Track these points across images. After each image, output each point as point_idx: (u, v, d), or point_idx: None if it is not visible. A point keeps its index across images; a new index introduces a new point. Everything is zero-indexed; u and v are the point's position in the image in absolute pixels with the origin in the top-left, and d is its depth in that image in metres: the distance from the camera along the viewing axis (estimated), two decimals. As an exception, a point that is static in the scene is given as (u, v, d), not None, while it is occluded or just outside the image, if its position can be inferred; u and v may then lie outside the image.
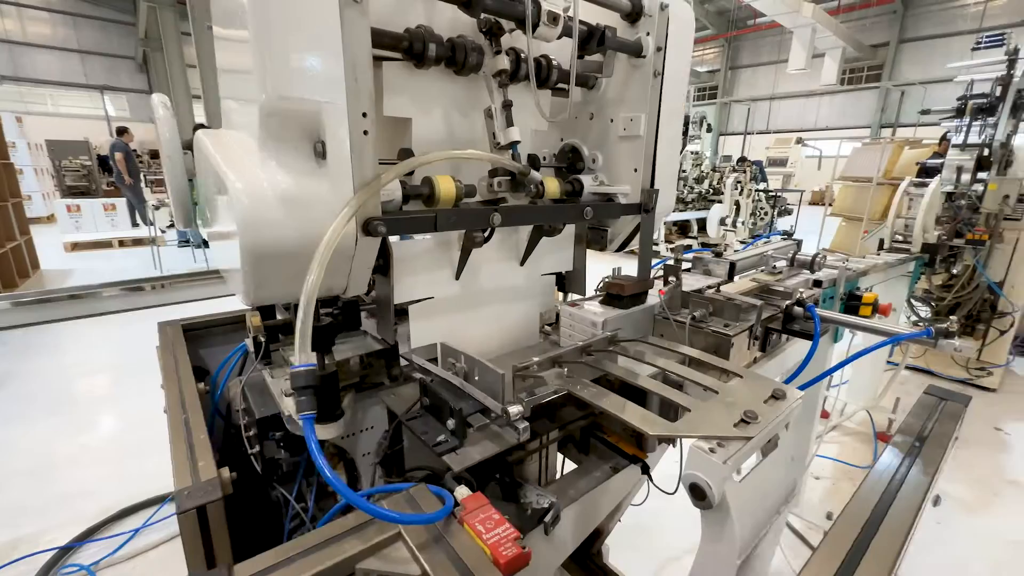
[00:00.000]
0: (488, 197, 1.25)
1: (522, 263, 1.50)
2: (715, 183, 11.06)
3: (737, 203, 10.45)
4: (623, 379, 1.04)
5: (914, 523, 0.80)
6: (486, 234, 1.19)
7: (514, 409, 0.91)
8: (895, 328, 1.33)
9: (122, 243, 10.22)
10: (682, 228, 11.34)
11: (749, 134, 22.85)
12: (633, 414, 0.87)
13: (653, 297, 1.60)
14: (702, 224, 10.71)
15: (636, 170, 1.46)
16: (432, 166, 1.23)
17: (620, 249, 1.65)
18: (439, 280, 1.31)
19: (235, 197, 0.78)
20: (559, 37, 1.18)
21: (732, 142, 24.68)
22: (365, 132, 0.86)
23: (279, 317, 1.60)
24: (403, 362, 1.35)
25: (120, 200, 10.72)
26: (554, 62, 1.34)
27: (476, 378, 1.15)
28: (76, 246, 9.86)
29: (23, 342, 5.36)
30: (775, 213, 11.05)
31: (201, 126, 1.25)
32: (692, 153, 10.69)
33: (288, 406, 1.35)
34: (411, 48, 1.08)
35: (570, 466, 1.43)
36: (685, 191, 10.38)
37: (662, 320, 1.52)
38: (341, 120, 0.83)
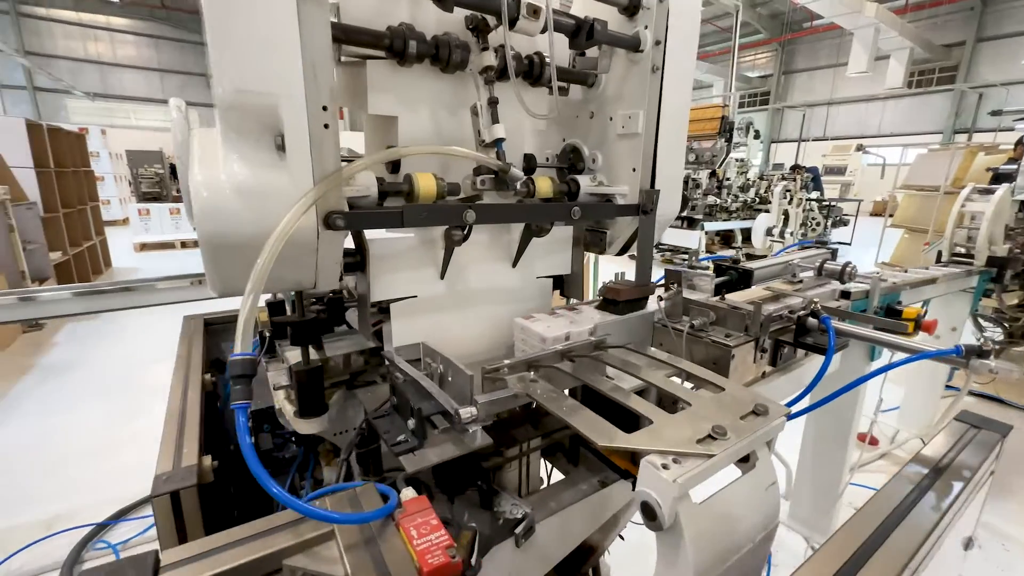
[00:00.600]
0: (471, 195, 1.23)
1: (514, 264, 1.46)
2: (762, 192, 10.56)
3: (786, 213, 9.91)
4: (590, 385, 0.98)
5: (908, 566, 0.68)
6: (464, 232, 1.17)
7: (465, 411, 0.87)
8: (919, 345, 1.18)
9: (184, 244, 11.02)
10: (725, 238, 10.88)
11: (804, 141, 21.69)
12: (583, 421, 0.81)
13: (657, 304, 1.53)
14: (747, 234, 10.23)
15: (634, 170, 1.40)
16: (415, 164, 1.23)
17: (621, 253, 1.58)
18: (423, 279, 1.30)
19: (194, 189, 0.81)
20: (543, 31, 1.14)
21: (785, 149, 23.52)
22: (326, 126, 0.86)
23: (289, 313, 1.64)
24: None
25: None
26: (547, 59, 1.31)
27: (450, 379, 1.13)
28: (144, 247, 10.72)
29: (91, 332, 5.85)
30: (828, 223, 10.38)
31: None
32: (737, 160, 10.27)
33: (279, 400, 1.38)
34: (392, 46, 1.08)
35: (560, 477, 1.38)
36: (729, 200, 9.97)
37: (662, 328, 1.44)
38: (300, 114, 0.83)
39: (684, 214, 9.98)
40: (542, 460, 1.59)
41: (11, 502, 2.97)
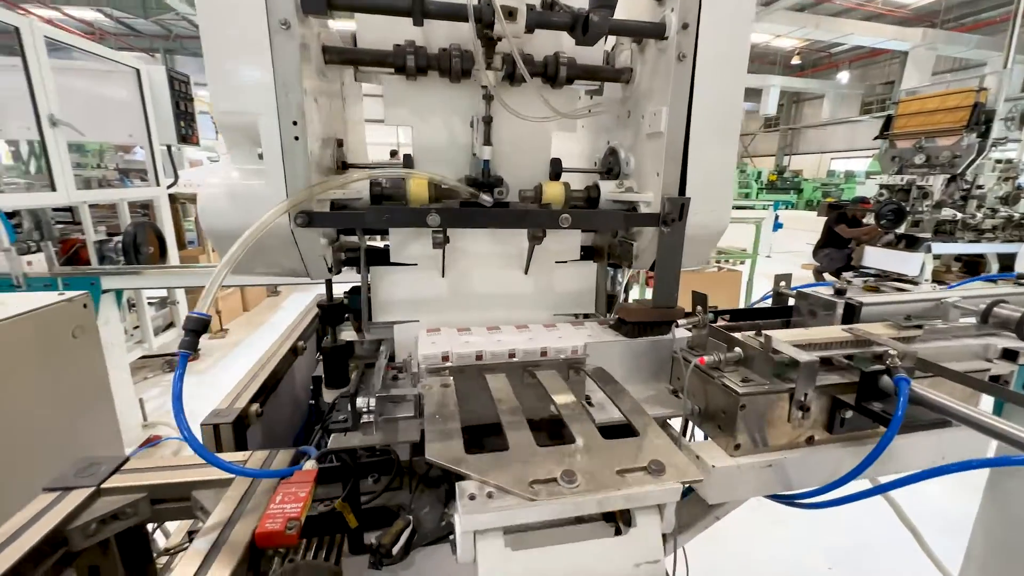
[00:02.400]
0: (467, 199, 1.25)
1: (526, 272, 1.43)
2: (1044, 204, 7.58)
3: (1085, 235, 6.90)
4: (495, 396, 0.91)
5: None
6: (443, 235, 1.20)
7: (360, 400, 0.92)
8: (1041, 443, 0.73)
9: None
10: (970, 264, 8.15)
11: None
12: (437, 433, 0.76)
13: (683, 331, 1.31)
14: (1009, 261, 7.47)
15: (658, 174, 1.22)
16: (425, 168, 1.31)
17: (654, 268, 1.38)
18: (425, 278, 1.37)
19: (200, 191, 1.04)
20: (531, 31, 1.10)
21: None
22: (296, 138, 1.01)
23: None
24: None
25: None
26: (562, 58, 1.24)
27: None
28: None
29: (308, 300, 7.62)
30: None
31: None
32: (998, 162, 7.58)
33: (323, 370, 1.63)
34: (394, 63, 1.18)
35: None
36: (979, 215, 7.42)
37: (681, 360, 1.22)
38: (273, 128, 0.99)
39: (902, 231, 7.84)
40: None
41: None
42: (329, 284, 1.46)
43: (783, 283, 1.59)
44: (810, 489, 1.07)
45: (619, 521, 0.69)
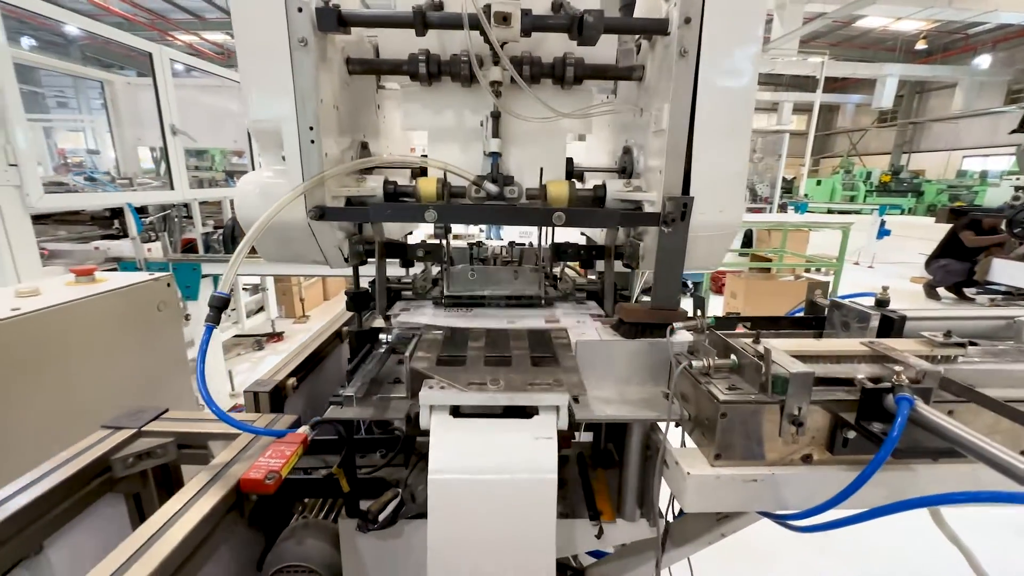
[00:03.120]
0: (475, 197, 1.32)
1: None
2: None
3: None
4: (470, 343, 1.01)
5: None
6: (444, 230, 1.28)
7: (382, 336, 1.05)
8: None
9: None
10: None
11: None
12: (419, 356, 0.89)
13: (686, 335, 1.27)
14: None
15: (660, 172, 1.19)
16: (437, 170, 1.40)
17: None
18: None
19: (237, 189, 1.21)
20: (528, 34, 1.13)
21: None
22: (312, 141, 1.14)
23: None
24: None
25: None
26: (570, 58, 1.26)
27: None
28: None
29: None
30: None
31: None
32: None
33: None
34: (407, 71, 1.28)
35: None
36: None
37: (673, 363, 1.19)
38: (292, 133, 1.13)
39: (1042, 241, 6.60)
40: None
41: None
42: (356, 274, 1.61)
43: (818, 292, 1.46)
44: (802, 510, 1.00)
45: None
